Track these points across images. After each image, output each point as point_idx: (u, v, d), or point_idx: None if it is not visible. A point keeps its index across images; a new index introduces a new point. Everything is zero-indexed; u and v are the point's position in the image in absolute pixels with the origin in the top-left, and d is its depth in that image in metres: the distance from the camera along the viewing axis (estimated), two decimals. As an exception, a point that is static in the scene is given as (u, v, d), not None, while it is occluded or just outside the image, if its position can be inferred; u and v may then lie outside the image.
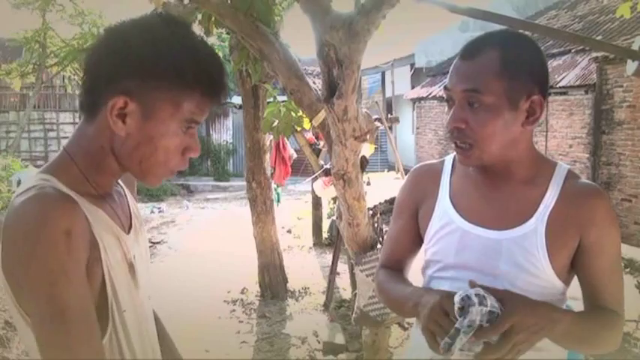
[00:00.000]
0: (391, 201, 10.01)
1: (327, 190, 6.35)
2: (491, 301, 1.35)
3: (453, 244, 1.63)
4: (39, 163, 14.79)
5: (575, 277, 1.65)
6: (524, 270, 1.55)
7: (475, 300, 1.34)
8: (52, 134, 16.16)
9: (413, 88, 19.53)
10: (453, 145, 1.60)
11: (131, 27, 1.33)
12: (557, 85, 11.29)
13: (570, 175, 1.63)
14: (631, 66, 4.64)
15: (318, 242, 9.66)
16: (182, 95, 1.29)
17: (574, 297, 1.66)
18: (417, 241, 1.81)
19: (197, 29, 4.89)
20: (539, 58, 1.58)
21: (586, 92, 10.65)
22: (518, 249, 1.55)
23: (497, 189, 1.63)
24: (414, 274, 1.86)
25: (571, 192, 1.58)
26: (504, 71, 1.51)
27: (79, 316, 1.11)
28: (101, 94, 1.23)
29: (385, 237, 1.94)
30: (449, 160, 1.79)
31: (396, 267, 1.83)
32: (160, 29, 1.29)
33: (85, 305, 1.14)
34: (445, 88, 1.59)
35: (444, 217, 1.68)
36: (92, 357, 1.13)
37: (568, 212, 1.55)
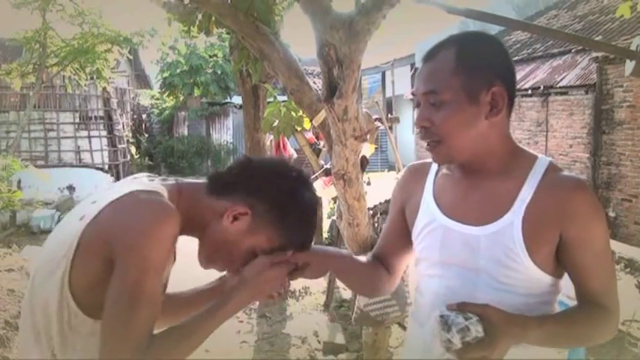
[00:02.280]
0: (391, 201, 10.01)
1: (327, 190, 6.35)
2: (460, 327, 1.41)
3: (436, 241, 1.66)
4: (39, 162, 14.78)
5: None
6: (504, 265, 1.55)
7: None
8: (52, 134, 16.13)
9: (413, 87, 19.52)
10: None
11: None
12: (558, 85, 11.30)
13: (551, 168, 1.61)
14: (629, 65, 4.64)
15: (319, 242, 9.65)
16: (281, 242, 1.60)
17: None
18: (406, 237, 1.83)
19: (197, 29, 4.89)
20: (498, 51, 1.62)
21: (586, 92, 10.65)
22: (496, 244, 1.55)
23: (476, 184, 1.65)
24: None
25: (550, 185, 1.56)
26: (459, 67, 1.55)
27: (149, 301, 1.38)
28: (231, 194, 1.57)
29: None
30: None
31: (382, 259, 1.90)
32: (302, 190, 1.61)
33: (156, 296, 1.42)
34: (413, 92, 1.66)
35: (428, 215, 1.71)
36: (144, 335, 1.38)
37: (546, 205, 1.54)
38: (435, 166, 1.79)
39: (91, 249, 1.40)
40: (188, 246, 1.74)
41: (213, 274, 1.80)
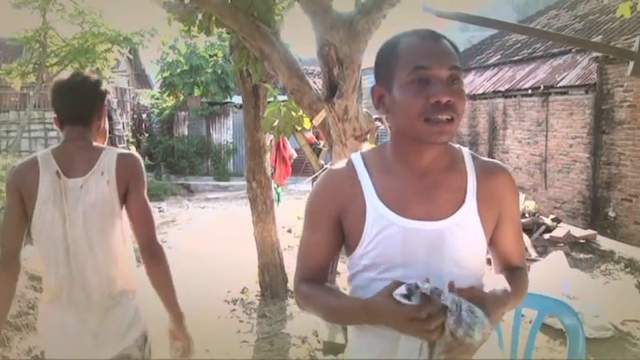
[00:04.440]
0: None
1: (327, 190, 6.34)
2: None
3: (396, 245, 1.64)
4: (39, 162, 14.76)
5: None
6: (470, 250, 1.68)
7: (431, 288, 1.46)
8: (52, 134, 16.17)
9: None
10: (427, 121, 1.58)
11: None
12: (558, 85, 11.30)
13: (473, 156, 1.78)
14: (631, 66, 4.65)
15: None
16: None
17: (575, 296, 1.68)
18: (338, 248, 1.81)
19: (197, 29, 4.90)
20: None
21: (586, 92, 10.65)
22: (460, 233, 1.66)
23: (424, 182, 1.68)
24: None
25: (484, 170, 1.74)
26: (457, 54, 1.67)
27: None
28: None
29: (300, 248, 1.87)
30: (357, 160, 1.77)
31: (317, 278, 1.80)
32: None
33: None
34: (421, 67, 1.59)
35: (381, 220, 1.66)
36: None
37: (487, 189, 1.71)
38: (361, 169, 1.74)
39: None
40: (188, 246, 1.74)
41: (213, 274, 1.80)
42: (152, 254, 2.44)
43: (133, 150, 18.21)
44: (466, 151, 1.78)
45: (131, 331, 2.45)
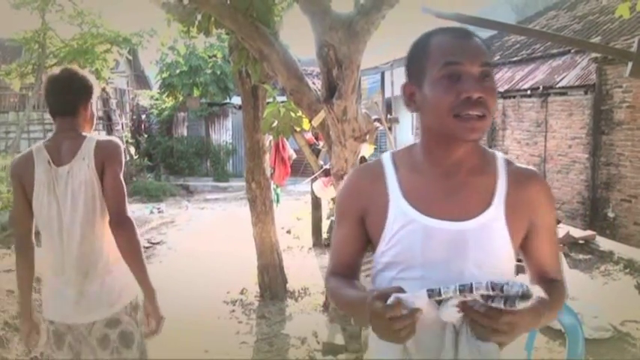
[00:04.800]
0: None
1: (326, 191, 6.35)
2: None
3: (417, 243, 1.63)
4: (38, 163, 14.75)
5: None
6: (492, 255, 1.64)
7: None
8: (51, 135, 16.20)
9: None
10: (457, 117, 1.56)
11: None
12: (557, 86, 11.30)
13: (508, 162, 1.74)
14: (629, 67, 4.65)
15: (318, 243, 9.65)
16: None
17: (574, 297, 1.68)
18: (364, 245, 1.81)
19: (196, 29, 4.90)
20: None
21: (585, 93, 10.65)
22: (484, 236, 1.63)
23: (451, 181, 1.67)
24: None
25: (517, 177, 1.70)
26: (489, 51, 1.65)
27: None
28: None
29: (332, 243, 1.91)
30: (387, 159, 1.79)
31: (345, 273, 1.83)
32: None
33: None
34: (452, 63, 1.58)
35: (403, 218, 1.66)
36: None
37: (518, 196, 1.67)
38: (389, 167, 1.76)
39: None
40: (187, 246, 1.74)
41: (212, 275, 1.80)
42: (119, 223, 2.66)
43: (132, 151, 18.21)
44: (500, 156, 1.76)
45: (121, 297, 2.76)
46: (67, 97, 2.78)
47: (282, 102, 6.01)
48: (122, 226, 2.67)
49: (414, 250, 1.64)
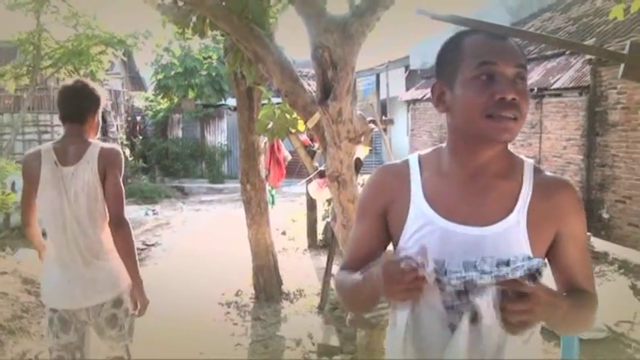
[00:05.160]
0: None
1: (321, 192, 6.35)
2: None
3: (434, 245, 1.58)
4: (33, 165, 14.70)
5: None
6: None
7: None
8: (46, 136, 16.12)
9: (407, 90, 19.53)
10: (490, 118, 1.54)
11: None
12: (552, 87, 11.31)
13: (536, 169, 1.69)
14: (621, 68, 4.65)
15: (313, 244, 9.66)
16: None
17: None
18: (383, 242, 1.80)
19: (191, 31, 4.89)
20: None
21: (580, 94, 10.67)
22: (502, 243, 1.58)
23: (474, 185, 1.64)
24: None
25: (543, 185, 1.65)
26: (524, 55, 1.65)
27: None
28: None
29: (349, 239, 1.90)
30: (414, 160, 1.78)
31: (357, 268, 1.77)
32: None
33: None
34: (487, 62, 1.56)
35: (422, 218, 1.65)
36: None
37: (544, 204, 1.62)
38: (415, 168, 1.75)
39: None
40: (182, 248, 1.74)
41: (207, 277, 1.80)
42: (117, 225, 3.09)
43: (127, 152, 18.17)
44: (528, 163, 1.71)
45: (122, 280, 3.17)
46: (78, 105, 3.17)
47: (278, 103, 5.99)
48: (120, 227, 3.08)
49: (430, 251, 1.59)
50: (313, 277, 7.85)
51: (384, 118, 10.97)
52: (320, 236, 9.74)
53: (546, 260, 1.65)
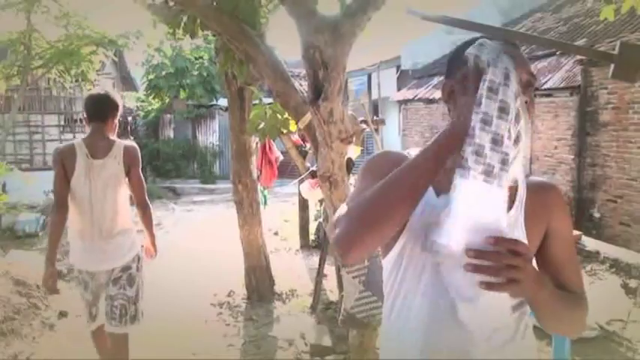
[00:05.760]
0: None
1: (313, 193, 6.34)
2: None
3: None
4: (24, 166, 14.66)
5: None
6: None
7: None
8: (37, 137, 16.07)
9: (399, 90, 19.56)
10: None
11: None
12: (542, 87, 11.34)
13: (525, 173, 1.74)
14: (611, 68, 4.67)
15: (305, 244, 9.66)
16: None
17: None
18: None
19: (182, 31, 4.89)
20: None
21: (571, 94, 10.71)
22: None
23: None
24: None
25: (534, 187, 1.72)
26: None
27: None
28: None
29: (348, 197, 1.90)
30: (414, 151, 1.74)
31: None
32: None
33: None
34: (529, 73, 1.62)
35: (424, 206, 1.63)
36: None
37: (536, 204, 1.69)
38: None
39: None
40: (174, 249, 1.73)
41: (199, 278, 1.79)
42: (143, 207, 4.11)
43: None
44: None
45: (130, 252, 4.00)
46: (102, 109, 3.99)
47: (269, 104, 5.99)
48: (146, 208, 4.13)
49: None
50: (306, 277, 7.85)
51: (375, 118, 10.95)
52: (312, 236, 9.75)
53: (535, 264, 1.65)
